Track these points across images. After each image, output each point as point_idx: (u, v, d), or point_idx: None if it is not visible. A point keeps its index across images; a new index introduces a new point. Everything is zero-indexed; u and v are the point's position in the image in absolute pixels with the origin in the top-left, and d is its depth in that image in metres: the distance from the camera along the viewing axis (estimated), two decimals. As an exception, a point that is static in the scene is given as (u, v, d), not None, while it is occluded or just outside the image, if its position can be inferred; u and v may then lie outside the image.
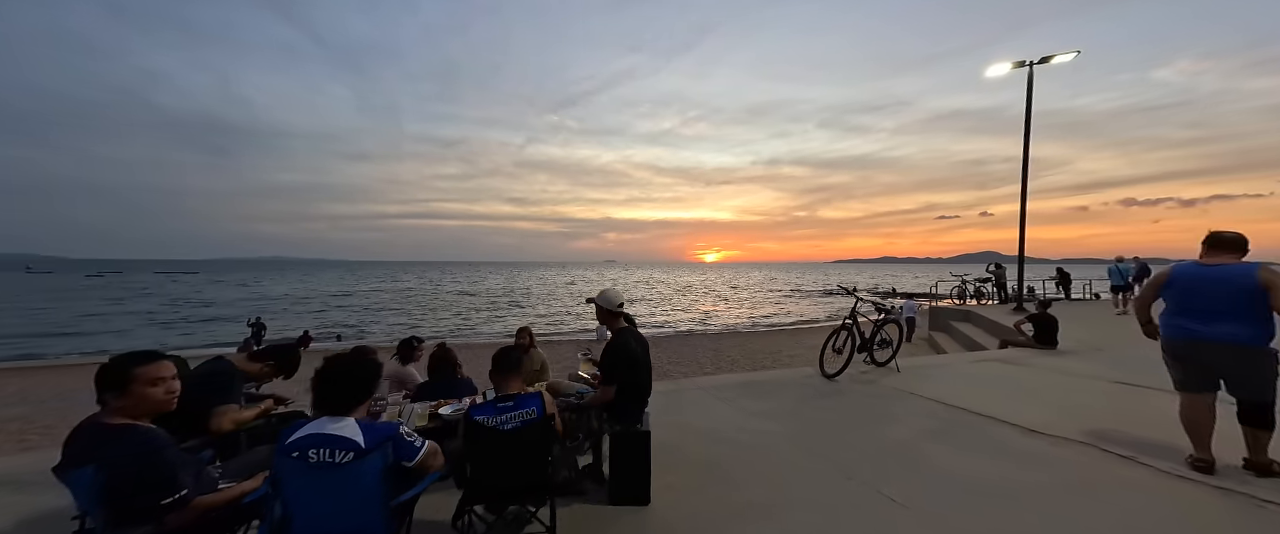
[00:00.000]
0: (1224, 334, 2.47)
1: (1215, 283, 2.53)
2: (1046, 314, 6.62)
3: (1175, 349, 2.69)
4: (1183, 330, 2.63)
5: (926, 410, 3.78)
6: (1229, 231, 2.63)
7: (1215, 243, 2.64)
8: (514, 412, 1.82)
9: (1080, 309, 12.87)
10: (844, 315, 5.03)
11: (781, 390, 4.28)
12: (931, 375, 4.96)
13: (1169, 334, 2.72)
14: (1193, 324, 2.57)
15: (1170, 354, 2.74)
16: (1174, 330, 2.68)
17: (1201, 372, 2.61)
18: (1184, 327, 2.62)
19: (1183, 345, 2.64)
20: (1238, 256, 2.58)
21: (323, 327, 20.68)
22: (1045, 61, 10.45)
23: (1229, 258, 2.58)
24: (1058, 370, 5.25)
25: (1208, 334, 2.52)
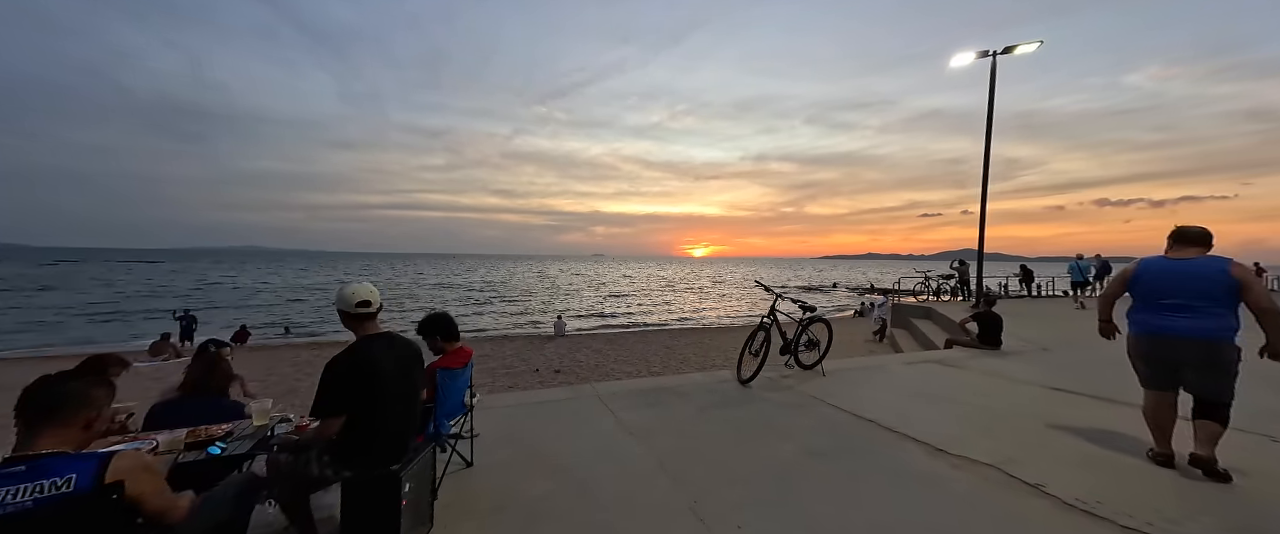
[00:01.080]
0: (1191, 328, 2.45)
1: (1183, 277, 2.49)
2: (991, 313, 6.27)
3: (1141, 345, 2.67)
4: (1149, 326, 2.60)
5: (830, 424, 3.32)
6: (1194, 226, 2.58)
7: (1181, 237, 2.61)
8: (18, 485, 1.08)
9: (1041, 306, 12.78)
10: (763, 315, 4.55)
11: (685, 398, 3.79)
12: (857, 380, 4.53)
13: (1135, 330, 2.69)
14: (1159, 319, 2.55)
15: (1136, 350, 2.72)
16: (1140, 326, 2.65)
17: (1167, 368, 2.59)
18: (1150, 322, 2.60)
19: (1149, 341, 2.62)
20: (1204, 251, 2.54)
21: (270, 321, 19.64)
22: (1008, 51, 10.15)
23: (1195, 252, 2.54)
24: (993, 374, 4.87)
25: (1175, 329, 2.49)
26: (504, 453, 2.76)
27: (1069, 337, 7.41)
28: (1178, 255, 2.59)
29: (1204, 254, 2.54)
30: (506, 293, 35.46)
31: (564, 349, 10.95)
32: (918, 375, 4.80)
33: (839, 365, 5.13)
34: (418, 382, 1.93)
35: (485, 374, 8.04)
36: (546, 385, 6.42)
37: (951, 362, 5.43)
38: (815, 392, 4.08)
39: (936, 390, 4.25)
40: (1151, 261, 2.66)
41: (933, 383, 4.51)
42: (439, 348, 2.39)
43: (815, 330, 4.94)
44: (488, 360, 9.28)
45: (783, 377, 4.59)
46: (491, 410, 3.43)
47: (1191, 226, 2.61)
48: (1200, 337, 2.44)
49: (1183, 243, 2.59)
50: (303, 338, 16.26)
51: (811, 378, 4.59)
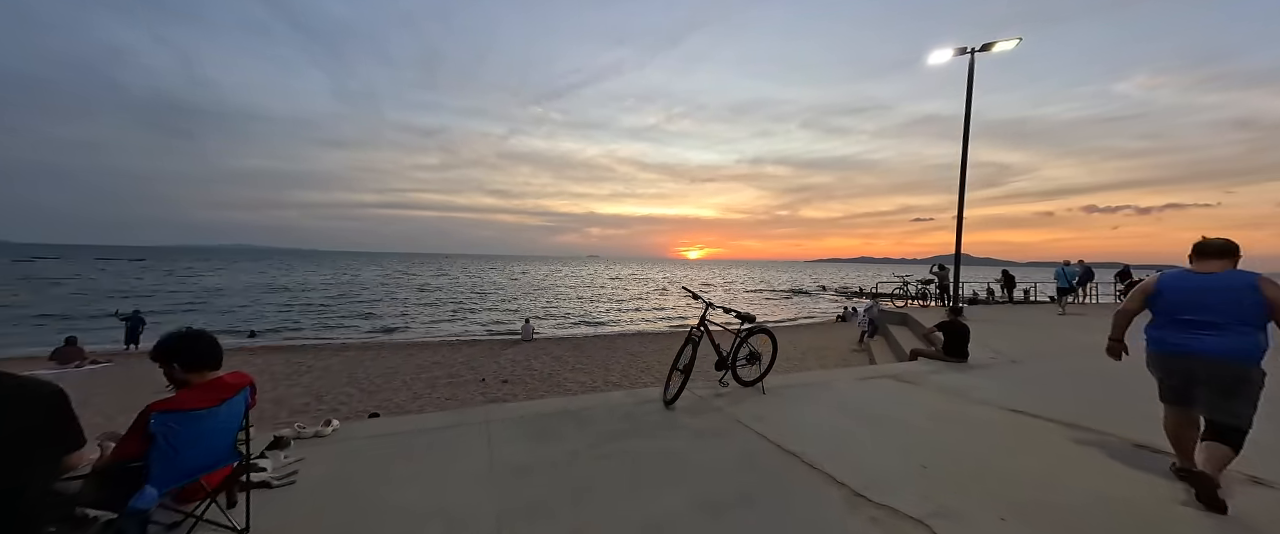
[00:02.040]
0: (1211, 347, 2.31)
1: (1208, 292, 2.36)
2: (957, 322, 5.83)
3: (1162, 363, 2.55)
4: (1166, 344, 2.48)
5: (746, 458, 2.83)
6: (1218, 238, 2.45)
7: (1204, 250, 2.45)
8: None
9: (1022, 313, 12.44)
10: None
11: (587, 426, 3.28)
12: (798, 400, 4.05)
13: (1152, 348, 2.57)
14: (1181, 337, 2.42)
15: (1156, 368, 2.60)
16: (1158, 344, 2.53)
17: (1188, 387, 2.45)
18: (1168, 339, 2.47)
19: (1167, 360, 2.50)
20: (1229, 264, 2.40)
21: (236, 324, 18.87)
22: (986, 49, 9.81)
23: (1220, 265, 2.40)
24: (951, 392, 4.41)
25: (1193, 347, 2.37)
26: (307, 508, 2.21)
27: (1042, 347, 7.02)
28: (1201, 269, 2.43)
29: (1230, 267, 2.38)
30: (490, 294, 34.77)
31: (523, 355, 10.40)
32: (868, 393, 4.33)
33: (784, 381, 4.65)
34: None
35: (426, 384, 7.49)
36: (441, 408, 5.80)
37: (909, 377, 4.96)
38: (745, 415, 3.59)
39: (883, 412, 3.78)
40: (1173, 275, 2.52)
41: (881, 403, 4.04)
42: (179, 380, 1.79)
43: (757, 343, 4.45)
44: (434, 369, 8.71)
45: (716, 395, 4.10)
46: (346, 443, 2.90)
47: (1215, 238, 2.45)
48: (1220, 356, 2.28)
49: (1206, 256, 2.43)
50: (265, 343, 15.51)
51: (748, 396, 4.11)
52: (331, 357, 9.54)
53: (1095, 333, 8.67)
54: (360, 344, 12.26)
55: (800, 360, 10.43)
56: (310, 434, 2.82)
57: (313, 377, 7.72)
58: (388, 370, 8.48)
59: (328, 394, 6.70)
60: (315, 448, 2.79)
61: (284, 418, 5.71)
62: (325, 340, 13.76)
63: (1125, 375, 5.19)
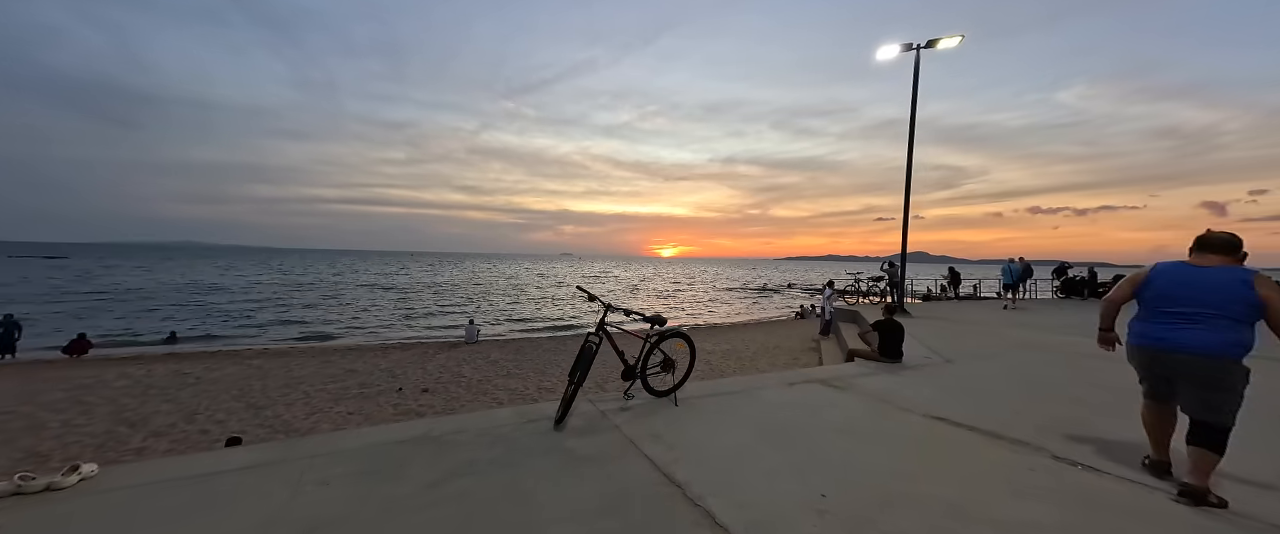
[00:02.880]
0: (1194, 342, 2.25)
1: (1200, 287, 2.28)
2: (892, 321, 5.62)
3: (1142, 357, 2.50)
4: (1148, 336, 2.43)
5: (619, 497, 2.36)
6: (1221, 232, 2.35)
7: (1204, 244, 2.36)
8: None
9: (966, 309, 12.72)
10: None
11: (448, 455, 2.74)
12: (711, 412, 3.63)
13: (1134, 340, 2.51)
14: (1164, 331, 2.35)
15: (1136, 361, 2.56)
16: (1139, 336, 2.48)
17: (1168, 383, 2.41)
18: (1150, 332, 2.42)
19: (1148, 353, 2.45)
20: (1229, 259, 2.31)
21: (158, 327, 16.94)
22: (931, 45, 9.82)
23: (1219, 260, 2.32)
24: (877, 398, 4.12)
25: (1175, 341, 2.31)
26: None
27: (980, 345, 6.97)
28: (1199, 262, 2.35)
29: (1230, 263, 2.29)
30: (447, 293, 33.16)
31: (458, 359, 9.66)
32: (790, 402, 3.97)
33: (705, 390, 4.24)
34: None
35: (330, 397, 6.68)
36: (338, 426, 5.06)
37: (838, 380, 4.67)
38: (643, 434, 3.13)
39: (797, 425, 3.42)
40: (1167, 266, 2.43)
41: (798, 414, 3.68)
42: None
43: (671, 349, 4.01)
44: (349, 378, 7.87)
45: (622, 409, 3.63)
46: (96, 497, 2.21)
47: (1218, 232, 2.35)
48: (1203, 351, 2.22)
49: (1205, 249, 2.35)
50: (189, 348, 13.84)
51: (660, 410, 3.66)
52: (232, 364, 8.48)
53: (1030, 329, 8.83)
54: (281, 349, 11.11)
55: (752, 360, 10.19)
56: (40, 487, 2.13)
57: (196, 390, 6.73)
58: (293, 380, 7.57)
59: (202, 412, 5.80)
60: (42, 507, 2.10)
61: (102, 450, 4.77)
62: (244, 345, 12.47)
63: (1052, 375, 5.13)
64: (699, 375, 8.23)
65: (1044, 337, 7.95)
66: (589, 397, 3.90)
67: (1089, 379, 4.93)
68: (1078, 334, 8.21)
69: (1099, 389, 4.53)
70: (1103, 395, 4.30)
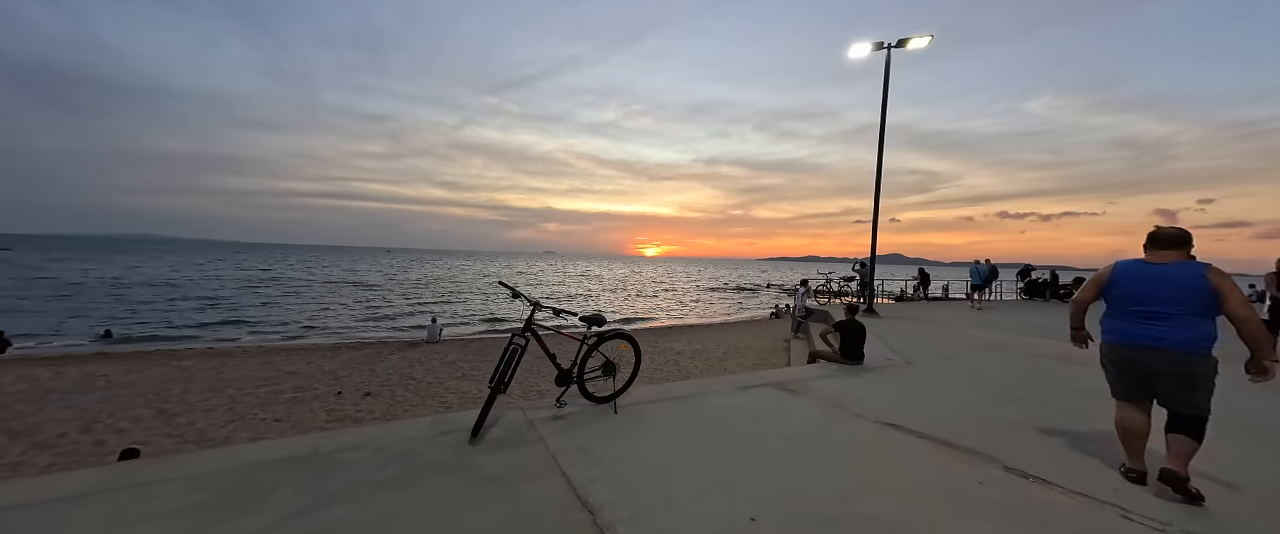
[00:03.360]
0: (1165, 338, 2.30)
1: (1159, 283, 2.34)
2: (854, 322, 5.45)
3: (1114, 355, 2.52)
4: (1121, 333, 2.46)
5: (520, 521, 2.06)
6: (1172, 227, 2.41)
7: (1157, 240, 2.42)
8: None
9: (934, 310, 12.86)
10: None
11: (326, 478, 2.38)
12: (651, 422, 3.34)
13: (1108, 339, 2.54)
14: (1133, 327, 2.41)
15: (1108, 360, 2.57)
16: (1113, 334, 2.51)
17: (1140, 379, 2.43)
18: (1123, 329, 2.46)
19: (1121, 351, 2.47)
20: (1181, 254, 2.37)
21: (96, 325, 15.66)
22: (901, 45, 9.80)
23: (1173, 256, 2.37)
24: (830, 403, 3.92)
25: (1148, 338, 2.35)
26: None
27: (943, 346, 6.92)
28: (1154, 258, 2.40)
29: (1182, 258, 2.35)
30: (418, 290, 32.03)
31: (413, 360, 9.14)
32: (738, 408, 3.72)
33: (651, 395, 3.95)
34: None
35: (260, 401, 6.13)
36: (259, 435, 4.55)
37: (794, 384, 4.45)
38: (569, 447, 2.82)
39: (743, 434, 3.16)
40: (1127, 265, 2.48)
41: (746, 421, 3.43)
42: None
43: (613, 351, 3.71)
44: (285, 380, 7.29)
45: (554, 418, 3.31)
46: None
47: (1168, 227, 2.41)
48: (1174, 347, 2.27)
49: (1159, 245, 2.40)
50: (123, 348, 12.76)
51: (594, 418, 3.35)
52: (157, 366, 7.76)
53: (994, 329, 8.90)
54: (221, 350, 10.33)
55: (720, 360, 10.00)
56: None
57: (105, 395, 6.06)
58: (221, 384, 6.96)
59: (103, 420, 5.20)
60: None
61: None
62: (185, 346, 11.61)
63: (1011, 376, 4.97)
64: (658, 378, 8.04)
65: (1006, 337, 7.99)
66: (520, 404, 3.57)
67: (1045, 380, 4.87)
68: (1039, 335, 8.30)
69: (1054, 390, 4.45)
70: (1058, 397, 4.21)
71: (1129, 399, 2.49)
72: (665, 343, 12.54)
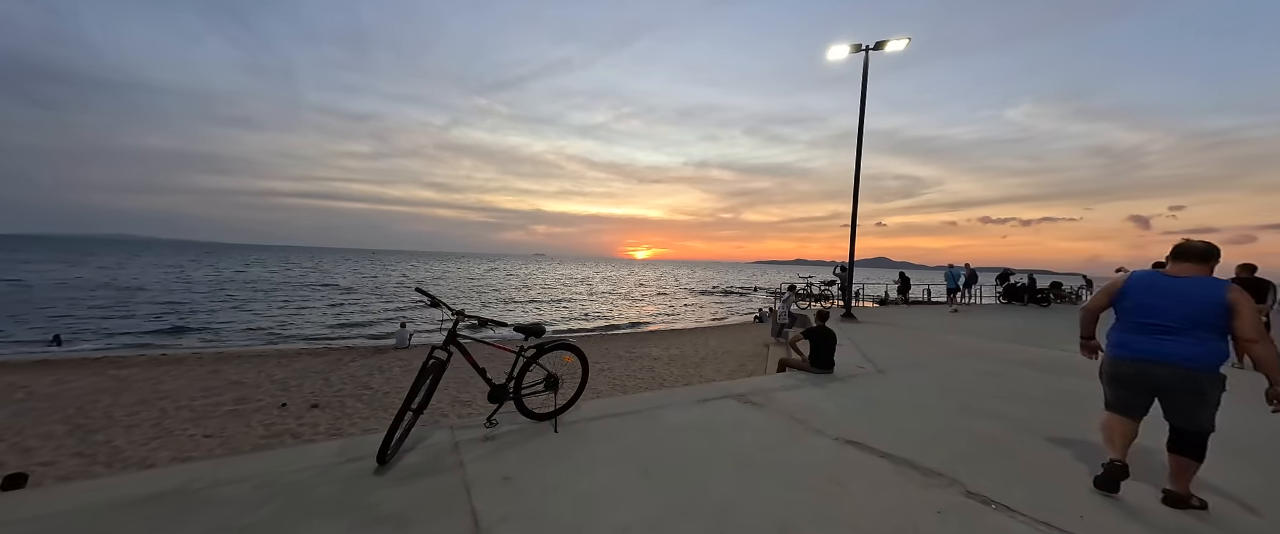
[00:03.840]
0: (1181, 355, 2.19)
1: (1176, 297, 2.24)
2: (823, 328, 5.25)
3: (1117, 368, 2.41)
4: (1128, 347, 2.35)
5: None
6: (1199, 241, 2.30)
7: (1181, 253, 2.30)
8: None
9: (914, 314, 12.82)
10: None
11: (193, 517, 2.06)
12: (592, 442, 3.07)
13: (1113, 352, 2.44)
14: (1141, 341, 2.30)
15: (1110, 373, 2.46)
16: (1119, 347, 2.40)
17: (1141, 395, 2.35)
18: (1129, 343, 2.35)
19: (1125, 364, 2.36)
20: (1204, 269, 2.25)
21: (41, 331, 14.75)
22: (879, 47, 9.73)
23: (1197, 270, 2.26)
24: (791, 417, 3.68)
25: (1155, 353, 2.25)
26: None
27: (917, 352, 6.77)
28: (1175, 272, 2.32)
29: (1204, 273, 2.25)
30: (396, 293, 31.18)
31: (373, 368, 8.70)
32: (691, 423, 3.46)
33: (599, 410, 3.67)
34: None
35: (193, 415, 5.67)
36: (185, 455, 4.05)
37: (756, 396, 4.21)
38: (491, 473, 2.53)
39: (692, 454, 2.91)
40: (1142, 276, 2.40)
41: (698, 439, 3.17)
42: None
43: (556, 363, 3.42)
44: (227, 390, 6.82)
45: (485, 439, 3.00)
46: None
47: (1195, 241, 2.31)
48: (1181, 364, 2.20)
49: (1182, 259, 2.30)
50: (68, 353, 11.97)
51: (531, 438, 3.06)
52: (89, 375, 7.20)
53: (969, 334, 8.82)
54: (166, 357, 9.73)
55: (697, 367, 9.76)
56: None
57: (20, 408, 5.51)
58: (156, 395, 6.47)
59: (8, 437, 4.72)
60: None
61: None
62: (137, 352, 10.97)
63: (982, 386, 4.67)
64: (630, 386, 7.75)
65: (981, 343, 7.90)
66: (450, 422, 3.26)
67: (1014, 390, 4.71)
68: (1012, 340, 8.23)
69: (1022, 402, 4.28)
70: (1024, 409, 4.05)
71: (1123, 413, 2.41)
72: (644, 348, 12.27)
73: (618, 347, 12.56)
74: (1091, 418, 3.83)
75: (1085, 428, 3.63)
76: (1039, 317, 13.11)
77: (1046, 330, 9.93)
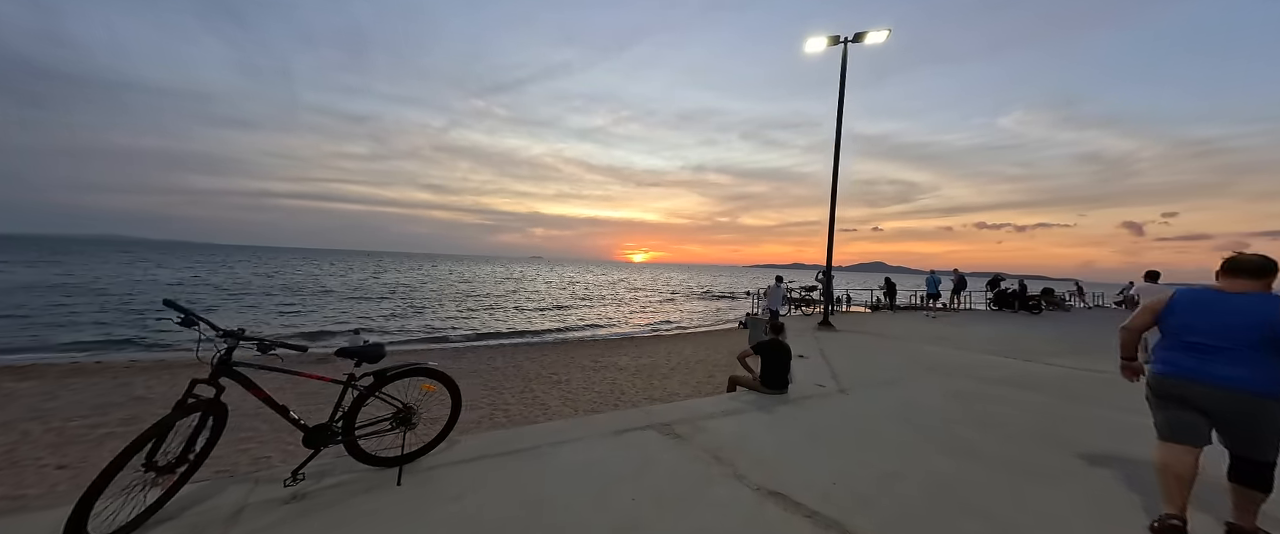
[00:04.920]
0: (1229, 377, 2.02)
1: (1228, 314, 2.08)
2: (775, 342, 4.62)
3: (1165, 389, 2.21)
4: (1176, 366, 2.18)
5: None
6: (1253, 255, 2.15)
7: (1233, 267, 2.16)
8: None
9: (896, 322, 12.22)
10: None
11: None
12: (446, 494, 2.45)
13: (1159, 370, 2.24)
14: (1190, 361, 2.13)
15: (1158, 395, 2.25)
16: (1165, 365, 2.22)
17: (1194, 420, 2.13)
18: (1178, 362, 2.18)
19: (1175, 385, 2.17)
20: (1262, 285, 2.10)
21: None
22: (858, 39, 9.18)
23: (1253, 286, 2.10)
24: (715, 455, 3.05)
25: (1200, 374, 2.09)
26: None
27: (888, 367, 6.13)
28: (1229, 287, 2.15)
29: (1260, 289, 2.08)
30: (374, 297, 30.25)
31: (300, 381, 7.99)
32: (589, 466, 2.83)
33: (483, 447, 3.04)
34: None
35: (54, 440, 4.96)
36: None
37: (683, 425, 3.57)
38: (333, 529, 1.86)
39: (565, 516, 2.28)
40: (1191, 293, 2.25)
41: (585, 491, 2.54)
42: None
43: (411, 393, 2.77)
44: (127, 407, 6.09)
45: (293, 497, 2.34)
46: None
47: (1249, 255, 2.14)
48: (1231, 387, 2.00)
49: (1235, 274, 2.14)
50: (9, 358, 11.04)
51: (357, 493, 2.43)
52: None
53: (950, 345, 8.23)
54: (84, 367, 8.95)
55: (664, 379, 9.10)
56: None
57: None
58: (34, 412, 5.70)
59: None
60: None
61: None
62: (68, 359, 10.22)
63: (949, 411, 3.94)
64: (584, 401, 7.07)
65: (962, 355, 7.29)
66: (257, 474, 2.58)
67: (989, 414, 4.09)
68: (996, 352, 7.63)
69: (996, 431, 3.66)
70: (997, 442, 3.42)
71: (1177, 440, 2.15)
72: (613, 356, 11.59)
73: (585, 354, 11.88)
74: (1078, 451, 3.23)
75: (1072, 465, 3.01)
76: (1029, 324, 12.55)
77: (1034, 340, 9.35)
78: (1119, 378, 2.70)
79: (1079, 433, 3.69)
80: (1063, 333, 10.81)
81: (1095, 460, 3.12)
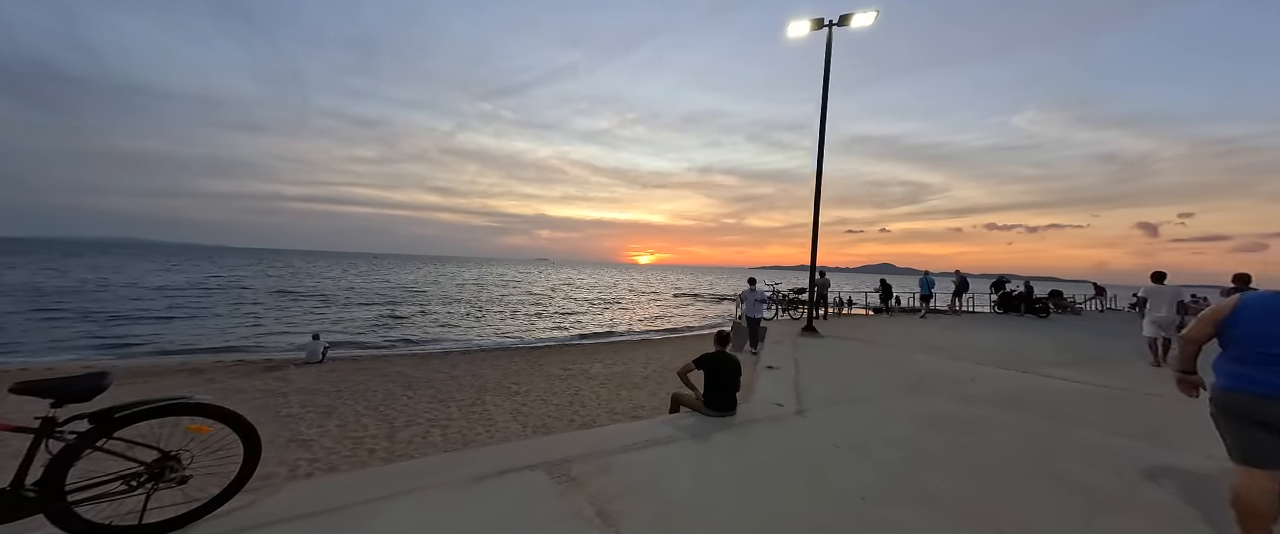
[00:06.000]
0: None
1: None
2: (721, 355, 3.97)
3: (1237, 406, 2.01)
4: (1247, 381, 1.98)
5: None
6: None
7: None
8: None
9: (892, 327, 11.46)
10: None
11: None
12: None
13: (1225, 384, 2.04)
14: (1266, 374, 1.92)
15: (1228, 412, 2.04)
16: (1233, 379, 2.02)
17: (1273, 440, 1.93)
18: (1250, 376, 1.97)
19: (1250, 403, 1.97)
20: None
21: None
22: (844, 22, 8.53)
23: None
24: (600, 511, 2.45)
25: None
26: None
27: (864, 382, 5.43)
28: None
29: None
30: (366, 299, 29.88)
31: (235, 390, 7.48)
32: (411, 531, 2.19)
33: (293, 503, 2.45)
34: None
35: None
36: None
37: (581, 462, 2.94)
38: None
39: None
40: (1261, 298, 2.04)
41: None
42: None
43: (172, 438, 2.17)
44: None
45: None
46: None
47: None
48: None
49: None
50: None
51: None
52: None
53: (940, 354, 7.50)
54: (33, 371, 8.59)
55: (634, 388, 8.47)
56: None
57: None
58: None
59: None
60: None
61: None
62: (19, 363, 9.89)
63: (920, 442, 3.13)
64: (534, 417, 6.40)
65: (952, 365, 6.57)
66: None
67: (964, 446, 3.40)
68: (991, 363, 6.88)
69: (962, 469, 2.96)
70: (962, 485, 2.75)
71: (1254, 464, 1.93)
72: (587, 363, 10.98)
73: (556, 361, 11.27)
74: (1070, 490, 2.56)
75: (1063, 521, 2.33)
76: (1034, 329, 11.72)
77: (1037, 348, 8.56)
78: (1124, 396, 2.11)
79: (1073, 467, 3.00)
80: (1069, 339, 9.98)
81: (1095, 504, 2.45)
